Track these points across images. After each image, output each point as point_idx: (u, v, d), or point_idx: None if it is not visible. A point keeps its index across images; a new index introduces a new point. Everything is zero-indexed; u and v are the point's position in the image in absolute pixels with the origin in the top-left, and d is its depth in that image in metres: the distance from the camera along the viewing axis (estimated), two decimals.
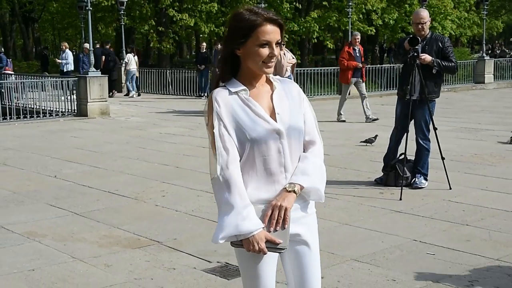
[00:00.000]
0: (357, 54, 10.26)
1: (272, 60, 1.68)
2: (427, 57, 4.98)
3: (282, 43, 1.91)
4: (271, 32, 1.65)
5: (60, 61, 15.72)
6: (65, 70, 15.28)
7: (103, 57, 15.72)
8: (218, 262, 3.43)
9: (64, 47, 16.11)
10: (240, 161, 1.67)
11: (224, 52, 1.73)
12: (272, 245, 1.64)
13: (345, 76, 10.46)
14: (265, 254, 1.65)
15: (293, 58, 10.97)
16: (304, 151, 1.76)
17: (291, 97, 1.76)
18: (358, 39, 10.89)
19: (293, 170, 1.71)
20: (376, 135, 7.40)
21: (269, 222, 1.65)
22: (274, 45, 1.66)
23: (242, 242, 1.63)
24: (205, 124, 1.71)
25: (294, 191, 1.68)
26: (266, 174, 1.69)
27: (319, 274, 1.79)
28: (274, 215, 1.65)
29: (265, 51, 1.65)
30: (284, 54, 10.75)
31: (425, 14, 5.26)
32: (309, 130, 1.77)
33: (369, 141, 7.45)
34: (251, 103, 1.69)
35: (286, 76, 10.64)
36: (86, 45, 14.14)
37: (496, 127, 9.21)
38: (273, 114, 1.70)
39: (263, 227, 1.64)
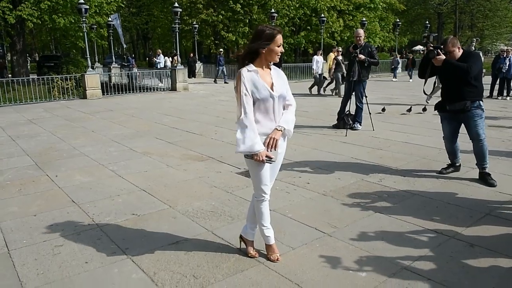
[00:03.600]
0: None
1: (280, 54, 2.74)
2: (362, 56, 7.59)
3: (339, 50, 6.72)
4: (281, 38, 2.74)
5: (156, 60, 23.87)
6: (159, 66, 22.70)
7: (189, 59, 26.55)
8: (244, 168, 5.35)
9: (159, 52, 24.71)
10: None
11: (250, 49, 2.72)
12: (268, 158, 2.73)
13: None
14: (264, 163, 2.75)
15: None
16: (284, 109, 2.85)
17: (280, 77, 2.84)
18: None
19: (279, 118, 2.79)
20: (384, 107, 10.41)
21: (267, 145, 2.74)
22: (281, 46, 2.75)
23: (252, 155, 2.71)
24: (234, 87, 2.75)
25: (281, 130, 2.77)
26: (266, 118, 2.75)
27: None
28: (270, 142, 2.74)
29: (279, 49, 2.74)
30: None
31: (361, 31, 7.89)
32: (289, 97, 2.87)
33: (383, 110, 10.15)
34: (260, 79, 2.72)
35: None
36: (221, 50, 24.13)
37: (400, 97, 13.62)
38: (271, 86, 2.76)
39: (264, 148, 2.71)
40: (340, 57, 14.19)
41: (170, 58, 25.09)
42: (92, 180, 5.10)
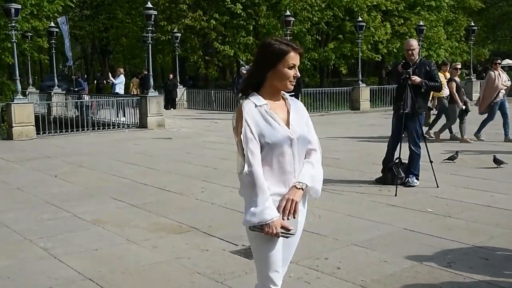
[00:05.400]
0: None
1: (294, 80, 2.82)
2: (417, 79, 7.60)
3: (498, 62, 5.88)
4: (296, 58, 2.82)
5: (113, 81, 23.19)
6: (116, 91, 22.25)
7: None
8: (243, 245, 5.23)
9: (119, 72, 24.13)
10: None
11: (255, 72, 2.87)
12: (284, 231, 2.73)
13: None
14: (278, 237, 2.75)
15: (508, 80, 13.03)
16: (306, 157, 2.90)
17: (299, 112, 2.93)
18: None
19: (299, 170, 2.84)
20: (457, 152, 9.96)
21: (283, 212, 2.75)
22: (297, 68, 2.83)
23: (261, 226, 2.70)
24: (232, 127, 2.84)
25: (301, 188, 2.81)
26: (280, 172, 2.80)
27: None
28: (287, 207, 2.76)
29: (291, 72, 2.81)
30: (499, 74, 13.10)
31: (414, 42, 7.94)
32: (312, 141, 2.93)
33: (452, 158, 9.75)
34: (272, 115, 2.80)
35: (499, 99, 12.74)
36: (244, 68, 22.84)
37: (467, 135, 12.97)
38: (287, 125, 2.83)
39: (278, 216, 2.72)
40: (457, 78, 13.34)
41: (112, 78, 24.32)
42: (12, 264, 5.06)
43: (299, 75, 2.89)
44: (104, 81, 28.21)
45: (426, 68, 7.82)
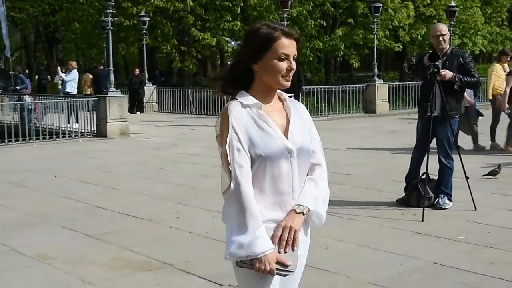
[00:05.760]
0: None
1: (290, 74, 2.74)
2: (447, 73, 7.51)
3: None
4: (289, 45, 2.74)
5: (61, 77, 23.09)
6: (66, 90, 21.68)
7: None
8: (229, 285, 5.21)
9: (71, 66, 22.90)
10: None
11: (239, 66, 2.80)
12: (281, 267, 2.64)
13: None
14: (273, 275, 2.66)
15: None
16: (308, 173, 2.86)
17: (301, 117, 2.89)
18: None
19: (299, 191, 2.79)
20: (500, 165, 9.77)
21: (279, 243, 2.68)
22: (292, 59, 2.74)
23: (251, 261, 2.62)
24: (215, 135, 2.76)
25: (303, 213, 2.75)
26: (275, 192, 2.74)
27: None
28: (284, 236, 2.69)
29: (283, 64, 2.73)
30: None
31: (444, 27, 8.02)
32: (316, 153, 2.89)
33: (493, 173, 9.61)
34: (265, 119, 2.75)
35: None
36: (231, 44, 23.78)
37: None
38: (285, 133, 2.78)
39: (273, 248, 2.65)
40: None
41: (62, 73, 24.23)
42: None
43: (294, 67, 2.78)
44: (49, 77, 27.95)
45: (459, 60, 7.80)
